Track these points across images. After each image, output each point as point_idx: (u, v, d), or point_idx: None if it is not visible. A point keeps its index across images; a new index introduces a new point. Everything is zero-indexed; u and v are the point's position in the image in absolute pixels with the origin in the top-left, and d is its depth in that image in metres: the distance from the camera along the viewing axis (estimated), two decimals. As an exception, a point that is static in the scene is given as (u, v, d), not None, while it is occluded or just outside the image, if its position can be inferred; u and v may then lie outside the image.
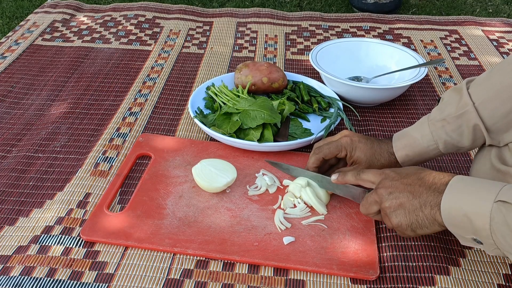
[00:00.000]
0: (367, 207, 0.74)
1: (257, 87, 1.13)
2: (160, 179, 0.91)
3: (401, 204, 0.69)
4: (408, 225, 0.68)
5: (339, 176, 0.79)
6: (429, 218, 0.66)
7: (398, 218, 0.69)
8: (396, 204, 0.69)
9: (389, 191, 0.70)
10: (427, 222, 0.67)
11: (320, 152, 0.86)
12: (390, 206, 0.70)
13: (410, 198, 0.68)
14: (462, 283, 0.73)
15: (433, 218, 0.66)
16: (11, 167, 0.96)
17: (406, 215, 0.68)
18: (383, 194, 0.71)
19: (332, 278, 0.74)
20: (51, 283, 0.72)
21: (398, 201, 0.69)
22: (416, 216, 0.67)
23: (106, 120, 1.11)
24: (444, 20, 1.65)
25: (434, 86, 1.27)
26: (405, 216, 0.68)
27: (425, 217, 0.67)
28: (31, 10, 2.20)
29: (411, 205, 0.68)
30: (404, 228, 0.69)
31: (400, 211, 0.69)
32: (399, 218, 0.69)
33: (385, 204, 0.70)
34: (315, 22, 1.62)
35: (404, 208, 0.68)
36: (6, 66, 1.33)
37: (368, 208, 0.74)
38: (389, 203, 0.70)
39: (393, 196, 0.69)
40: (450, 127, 0.78)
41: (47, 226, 0.82)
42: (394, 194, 0.69)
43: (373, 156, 0.83)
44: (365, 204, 0.75)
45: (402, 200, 0.69)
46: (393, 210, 0.69)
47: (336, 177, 0.79)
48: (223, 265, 0.76)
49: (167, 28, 1.56)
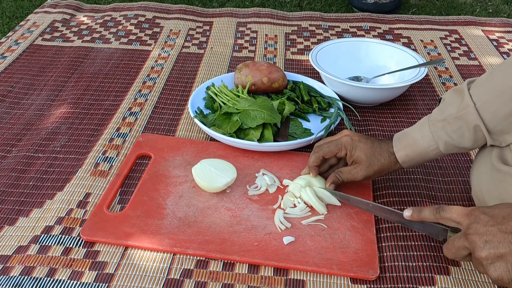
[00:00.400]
0: (454, 252, 0.67)
1: (257, 87, 1.13)
2: (160, 179, 0.91)
3: (501, 256, 0.61)
4: (511, 280, 0.61)
5: (414, 213, 0.72)
6: None
7: (498, 272, 0.61)
8: (495, 256, 0.61)
9: (484, 240, 0.62)
10: None
11: (320, 151, 0.86)
12: (487, 257, 0.61)
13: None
14: (462, 283, 0.73)
15: None
16: (11, 167, 0.96)
17: (508, 269, 0.61)
18: (477, 242, 0.62)
19: (332, 278, 0.74)
20: (51, 283, 0.72)
21: (497, 251, 0.61)
22: None
23: (106, 120, 1.11)
24: (444, 20, 1.65)
25: (434, 86, 1.27)
26: (506, 270, 0.61)
27: None
28: (31, 10, 2.20)
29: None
30: (505, 282, 0.61)
31: (500, 264, 0.61)
32: (499, 272, 0.61)
33: (480, 255, 0.62)
34: (315, 22, 1.62)
35: (506, 261, 0.61)
36: (6, 66, 1.33)
37: (455, 254, 0.67)
38: (486, 253, 0.61)
39: (491, 246, 0.61)
40: (450, 127, 0.77)
41: (47, 226, 0.82)
42: (492, 244, 0.61)
43: (373, 155, 0.83)
44: (451, 249, 0.67)
45: (502, 251, 0.61)
46: (491, 262, 0.61)
47: (411, 214, 0.72)
48: (223, 265, 0.76)
49: (167, 28, 1.56)
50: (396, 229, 0.82)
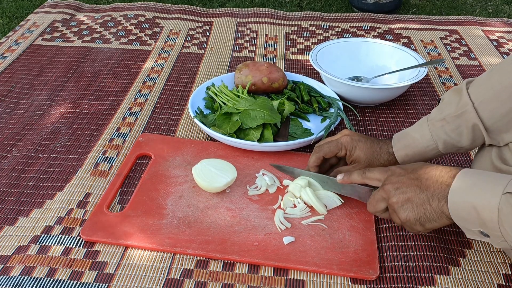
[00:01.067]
0: (374, 205, 0.74)
1: (257, 87, 1.13)
2: (160, 179, 0.91)
3: (408, 199, 0.69)
4: (417, 219, 0.68)
5: (345, 176, 0.79)
6: (437, 211, 0.66)
7: (406, 213, 0.69)
8: (404, 199, 0.69)
9: (396, 187, 0.70)
10: (435, 215, 0.67)
11: (320, 151, 0.86)
12: (397, 201, 0.69)
13: (417, 192, 0.68)
14: (462, 283, 0.73)
15: (441, 211, 0.66)
16: (11, 167, 0.96)
17: (414, 209, 0.68)
18: (390, 190, 0.71)
19: (332, 278, 0.74)
20: (51, 283, 0.72)
21: (405, 195, 0.69)
22: (424, 210, 0.67)
23: (106, 120, 1.11)
24: (444, 20, 1.65)
25: (434, 86, 1.27)
26: (413, 210, 0.68)
27: (433, 210, 0.67)
28: (31, 10, 2.20)
29: (418, 198, 0.68)
30: (412, 222, 0.69)
31: (408, 206, 0.69)
32: (407, 213, 0.69)
33: (392, 200, 0.70)
34: (315, 22, 1.62)
35: (412, 202, 0.68)
36: (6, 66, 1.33)
37: (375, 206, 0.74)
38: (396, 198, 0.70)
39: (400, 191, 0.69)
40: (449, 127, 0.78)
41: (47, 226, 0.82)
42: (401, 189, 0.69)
43: (372, 155, 0.83)
44: (372, 202, 0.75)
45: (409, 195, 0.69)
46: (400, 205, 0.69)
47: (342, 177, 0.79)
48: (223, 265, 0.76)
49: (167, 28, 1.56)
50: (396, 229, 0.82)
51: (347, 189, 0.83)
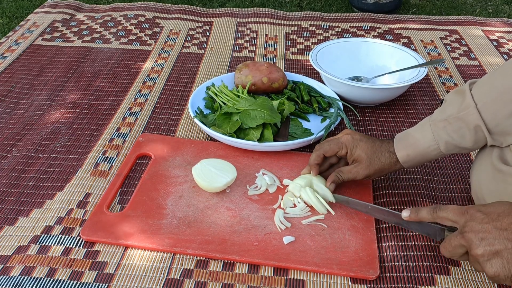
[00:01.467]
0: (450, 250, 0.67)
1: (257, 87, 1.13)
2: (160, 179, 0.91)
3: (497, 253, 0.61)
4: (508, 276, 0.61)
5: (412, 214, 0.73)
6: None
7: (494, 269, 0.62)
8: (491, 253, 0.62)
9: (480, 237, 0.63)
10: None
11: (320, 149, 0.86)
12: (483, 254, 0.62)
13: (508, 247, 0.61)
14: (462, 283, 0.73)
15: None
16: (11, 167, 0.96)
17: (504, 266, 0.61)
18: (473, 240, 0.63)
19: (332, 278, 0.74)
20: (51, 283, 0.72)
21: (493, 248, 0.61)
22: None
23: (106, 120, 1.11)
24: (444, 20, 1.65)
25: (434, 86, 1.27)
26: (503, 266, 0.61)
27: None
28: (31, 10, 2.20)
29: (509, 254, 0.61)
30: (502, 279, 0.62)
31: (496, 261, 0.61)
32: (495, 269, 0.61)
33: (476, 252, 0.63)
34: (315, 22, 1.62)
35: (502, 257, 0.61)
36: (6, 66, 1.33)
37: (452, 252, 0.67)
38: (482, 251, 0.62)
39: (486, 243, 0.62)
40: (451, 127, 0.77)
41: (47, 226, 0.82)
42: (487, 241, 0.62)
43: (373, 154, 0.83)
44: (448, 247, 0.68)
45: (498, 248, 0.61)
46: (487, 259, 0.62)
47: (409, 214, 0.73)
48: (223, 265, 0.76)
49: (167, 28, 1.56)
50: (396, 229, 0.82)
51: (413, 224, 0.76)
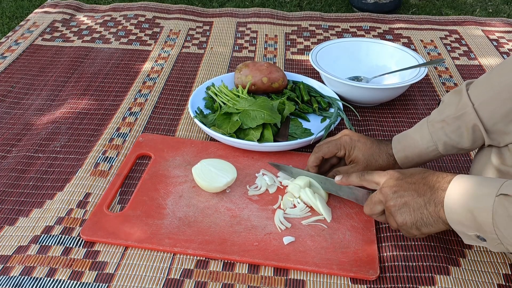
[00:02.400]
0: (371, 207, 0.74)
1: (257, 87, 1.13)
2: (160, 179, 0.91)
3: (406, 203, 0.69)
4: (413, 223, 0.69)
5: (343, 178, 0.79)
6: (433, 216, 0.67)
7: (403, 216, 0.69)
8: (401, 203, 0.69)
9: (394, 190, 0.70)
10: (431, 219, 0.67)
11: (319, 151, 0.86)
12: (395, 204, 0.70)
13: (414, 196, 0.68)
14: (462, 283, 0.73)
15: (437, 216, 0.66)
16: (11, 167, 0.96)
17: (411, 213, 0.68)
18: (388, 193, 0.71)
19: (332, 278, 0.74)
20: (51, 283, 0.72)
21: (403, 199, 0.69)
22: (421, 214, 0.68)
23: (106, 120, 1.11)
24: (444, 20, 1.65)
25: (434, 86, 1.27)
26: (410, 214, 0.68)
27: (429, 215, 0.67)
28: (31, 10, 2.20)
29: (415, 203, 0.68)
30: (409, 226, 0.69)
31: (405, 209, 0.69)
32: (404, 216, 0.69)
33: (390, 203, 0.70)
34: (315, 22, 1.62)
35: (409, 206, 0.69)
36: (6, 66, 1.33)
37: (372, 208, 0.74)
38: (394, 201, 0.70)
39: (398, 195, 0.70)
40: (449, 128, 0.78)
41: (47, 226, 0.82)
42: (399, 193, 0.70)
43: (371, 156, 0.83)
44: (369, 204, 0.75)
45: (407, 199, 0.69)
46: (398, 209, 0.69)
47: (340, 178, 0.80)
48: (223, 265, 0.76)
49: (167, 28, 1.56)
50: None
51: (344, 190, 0.83)
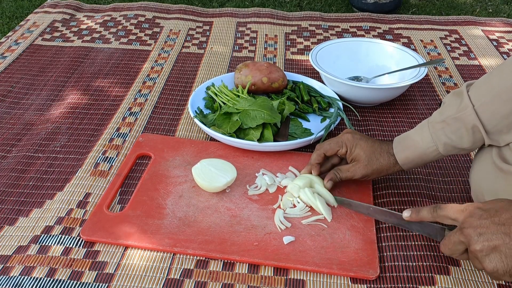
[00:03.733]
0: (450, 248, 0.68)
1: (257, 87, 1.13)
2: (160, 179, 0.91)
3: (495, 247, 0.62)
4: (506, 271, 0.61)
5: (413, 213, 0.73)
6: None
7: (493, 264, 0.62)
8: (489, 248, 0.62)
9: (478, 232, 0.63)
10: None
11: (321, 148, 0.86)
12: (482, 249, 0.62)
13: (506, 241, 0.61)
14: (462, 283, 0.73)
15: None
16: (11, 167, 0.96)
17: (502, 261, 0.61)
18: (472, 236, 0.63)
19: (332, 278, 0.74)
20: (51, 283, 0.72)
21: (491, 243, 0.62)
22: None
23: (106, 120, 1.11)
24: (444, 20, 1.65)
25: (434, 86, 1.27)
26: (501, 261, 0.61)
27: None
28: (31, 10, 2.20)
29: (508, 248, 0.61)
30: (501, 274, 0.62)
31: (494, 256, 0.62)
32: (494, 264, 0.62)
33: (475, 247, 0.63)
34: (315, 22, 1.62)
35: (500, 252, 0.61)
36: (6, 66, 1.33)
37: (452, 249, 0.68)
38: (480, 246, 0.62)
39: (485, 238, 0.62)
40: (449, 128, 0.78)
41: (47, 226, 0.82)
42: (486, 236, 0.62)
43: (372, 154, 0.83)
44: (448, 245, 0.68)
45: (496, 243, 0.61)
46: (485, 254, 0.62)
47: (409, 214, 0.73)
48: (223, 265, 0.76)
49: (167, 28, 1.56)
50: (396, 229, 0.82)
51: (413, 225, 0.77)
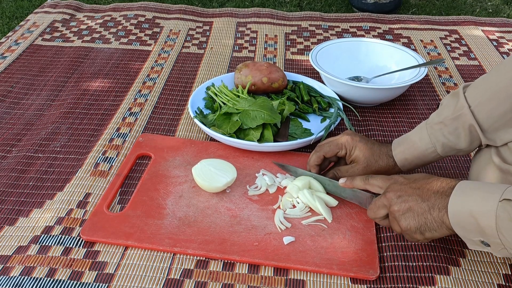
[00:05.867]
0: (375, 211, 0.74)
1: (257, 87, 1.13)
2: (160, 179, 0.91)
3: (410, 207, 0.69)
4: (417, 227, 0.68)
5: (347, 180, 0.80)
6: (437, 221, 0.67)
7: (407, 221, 0.69)
8: (405, 208, 0.69)
9: (398, 195, 0.70)
10: (435, 224, 0.67)
11: (320, 150, 0.87)
12: (399, 209, 0.70)
13: (418, 201, 0.68)
14: (462, 283, 0.73)
15: (441, 221, 0.66)
16: (11, 167, 0.96)
17: (415, 218, 0.68)
18: (392, 198, 0.71)
19: (332, 278, 0.74)
20: (51, 283, 0.72)
21: (407, 204, 0.69)
22: (425, 219, 0.68)
23: (106, 120, 1.11)
24: (444, 20, 1.65)
25: (434, 86, 1.27)
26: (413, 219, 0.68)
27: (433, 220, 0.67)
28: (31, 10, 2.20)
29: (419, 208, 0.68)
30: (413, 231, 0.69)
31: (409, 214, 0.69)
32: (408, 221, 0.69)
33: (394, 208, 0.70)
34: (315, 22, 1.62)
35: (413, 211, 0.68)
36: (6, 66, 1.33)
37: (376, 212, 0.74)
38: (398, 206, 0.70)
39: (402, 200, 0.70)
40: (447, 129, 0.79)
41: (47, 226, 0.82)
42: (403, 198, 0.70)
43: (371, 156, 0.84)
44: (373, 208, 0.75)
45: (411, 204, 0.69)
46: (402, 213, 0.69)
47: (344, 181, 0.80)
48: (223, 265, 0.76)
49: (167, 28, 1.56)
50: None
51: (348, 193, 0.84)
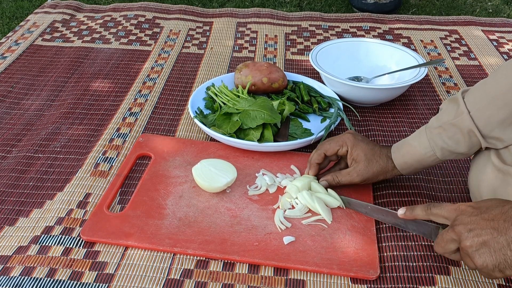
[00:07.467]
0: (443, 246, 0.68)
1: (257, 87, 1.13)
2: (160, 179, 0.91)
3: (484, 242, 0.62)
4: (495, 265, 0.62)
5: (407, 211, 0.74)
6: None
7: (482, 258, 0.62)
8: (479, 243, 0.63)
9: (468, 228, 0.64)
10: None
11: (321, 148, 0.87)
12: (471, 245, 0.63)
13: (494, 235, 0.62)
14: (462, 283, 0.73)
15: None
16: (11, 167, 0.96)
17: (491, 255, 0.62)
18: (462, 232, 0.64)
19: (332, 278, 0.74)
20: (51, 283, 0.72)
21: (480, 239, 0.62)
22: (504, 255, 0.61)
23: (106, 120, 1.11)
24: (444, 20, 1.65)
25: (434, 86, 1.27)
26: (490, 255, 0.62)
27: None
28: (31, 10, 2.20)
29: (496, 243, 0.61)
30: (490, 269, 0.62)
31: (484, 250, 0.62)
32: (483, 258, 0.62)
33: (465, 243, 0.64)
34: (315, 22, 1.62)
35: (489, 247, 0.62)
36: (6, 66, 1.33)
37: (444, 247, 0.68)
38: (470, 241, 0.63)
39: (474, 234, 0.63)
40: (446, 134, 0.78)
41: (47, 226, 0.82)
42: (475, 232, 0.63)
43: (372, 156, 0.84)
44: (440, 243, 0.68)
45: (485, 238, 0.62)
46: (475, 249, 0.63)
47: (404, 212, 0.75)
48: (223, 265, 0.76)
49: (167, 28, 1.56)
50: (396, 229, 0.82)
51: (409, 224, 0.79)
